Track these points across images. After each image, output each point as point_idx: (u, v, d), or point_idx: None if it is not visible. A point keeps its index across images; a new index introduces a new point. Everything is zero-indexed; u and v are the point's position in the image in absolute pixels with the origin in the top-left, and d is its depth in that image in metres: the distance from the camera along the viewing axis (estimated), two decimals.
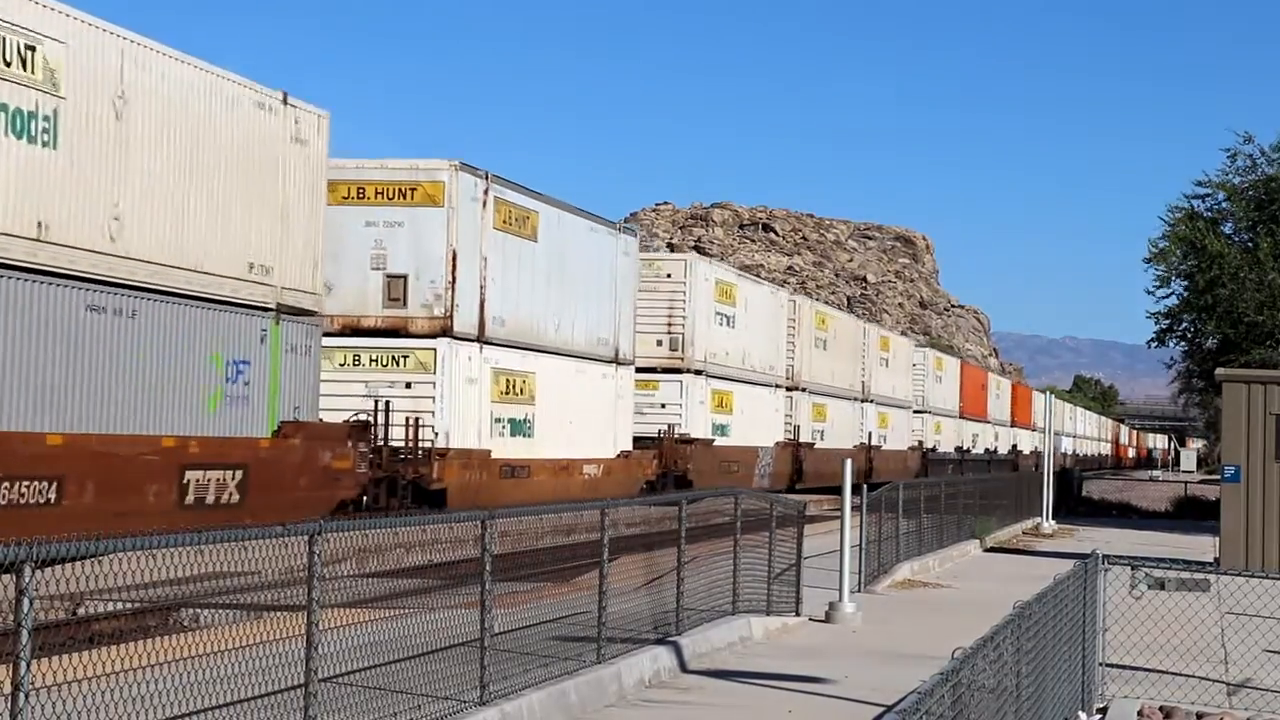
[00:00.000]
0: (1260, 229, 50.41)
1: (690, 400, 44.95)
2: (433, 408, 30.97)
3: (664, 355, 44.80)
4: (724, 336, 47.89)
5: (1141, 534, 42.86)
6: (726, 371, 47.89)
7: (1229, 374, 31.17)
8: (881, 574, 25.70)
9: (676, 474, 42.91)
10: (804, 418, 57.21)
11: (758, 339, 51.60)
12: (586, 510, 18.70)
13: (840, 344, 63.30)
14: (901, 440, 74.32)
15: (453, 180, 31.72)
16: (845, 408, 64.03)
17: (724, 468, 46.34)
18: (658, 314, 44.72)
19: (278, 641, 10.59)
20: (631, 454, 40.49)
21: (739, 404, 49.16)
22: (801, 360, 57.01)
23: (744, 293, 50.67)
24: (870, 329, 72.14)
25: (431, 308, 31.39)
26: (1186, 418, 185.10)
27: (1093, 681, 14.28)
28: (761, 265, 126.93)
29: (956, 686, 7.24)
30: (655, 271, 45.38)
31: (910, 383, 77.78)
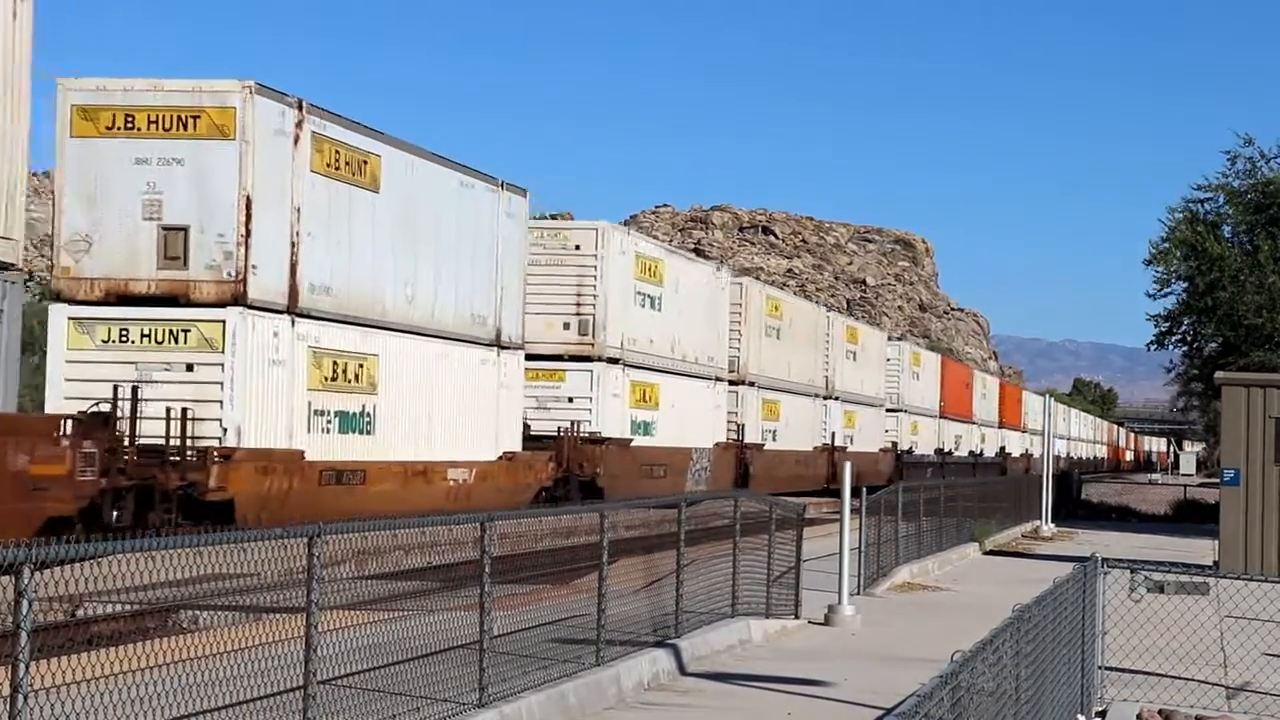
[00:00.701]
0: (1260, 232, 50.40)
1: (602, 393, 39.18)
2: (220, 395, 24.81)
3: (572, 341, 39.11)
4: (647, 320, 42.06)
5: (1141, 537, 42.86)
6: (650, 360, 42.30)
7: (1228, 377, 31.18)
8: (881, 577, 25.70)
9: (582, 479, 37.52)
10: (752, 415, 51.83)
11: (692, 324, 45.81)
12: (586, 513, 18.69)
13: (797, 333, 57.66)
14: (872, 441, 69.30)
15: (247, 106, 25.36)
16: (803, 405, 58.62)
17: (645, 472, 41.34)
18: (564, 292, 39.01)
19: (277, 643, 10.59)
20: (518, 456, 34.27)
21: (667, 398, 43.64)
22: (749, 350, 51.69)
23: (674, 271, 44.63)
24: (835, 318, 66.78)
25: (220, 269, 25.11)
26: (1186, 421, 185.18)
27: (1092, 685, 14.28)
28: (761, 268, 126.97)
29: (955, 689, 7.24)
30: (561, 242, 39.47)
31: (883, 379, 72.52)
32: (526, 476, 34.82)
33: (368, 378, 28.48)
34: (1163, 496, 74.91)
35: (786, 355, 55.87)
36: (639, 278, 41.51)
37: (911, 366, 78.84)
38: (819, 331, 61.35)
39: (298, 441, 26.29)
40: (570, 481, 37.13)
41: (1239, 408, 29.56)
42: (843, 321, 68.46)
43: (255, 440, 25.15)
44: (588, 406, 38.92)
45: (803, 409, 58.29)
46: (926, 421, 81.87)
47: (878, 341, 74.11)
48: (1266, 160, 51.06)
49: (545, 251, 38.68)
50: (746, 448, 50.69)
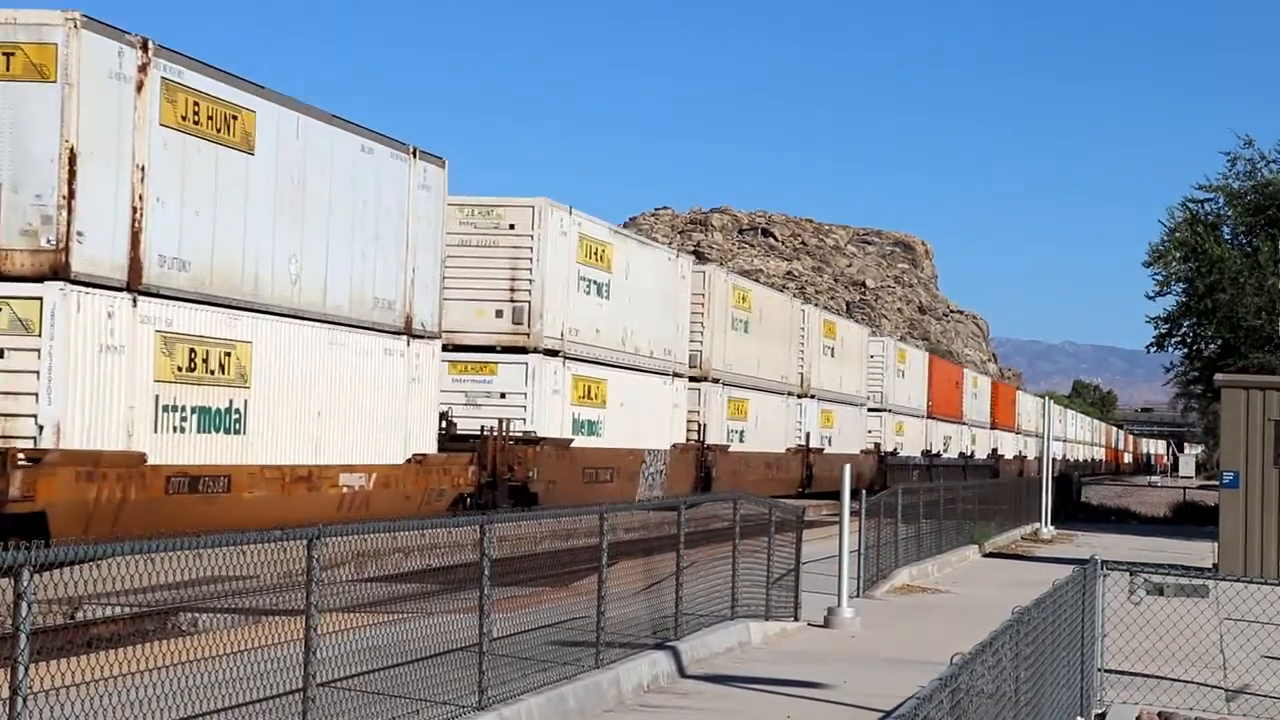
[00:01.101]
0: (1260, 233, 50.43)
1: (539, 388, 35.11)
2: (35, 387, 20.60)
3: (505, 330, 35.16)
4: (593, 309, 38.03)
5: (1140, 539, 42.89)
6: (596, 353, 38.27)
7: (1228, 379, 31.19)
8: (880, 579, 25.70)
9: (512, 484, 33.45)
10: (715, 414, 47.75)
11: (646, 315, 41.49)
12: (585, 515, 18.67)
13: (769, 327, 53.54)
14: (852, 442, 65.04)
15: (72, 42, 21.22)
16: (775, 403, 54.41)
17: (589, 476, 37.35)
18: (497, 277, 35.08)
19: (276, 646, 10.59)
20: (429, 459, 29.82)
21: (616, 395, 39.47)
22: (713, 344, 47.53)
23: (624, 255, 40.39)
24: (811, 311, 61.75)
25: (36, 235, 21.03)
26: (1186, 423, 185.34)
27: (1091, 687, 14.28)
28: (760, 270, 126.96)
29: (955, 692, 7.24)
30: (494, 221, 35.27)
31: (864, 376, 68.40)
32: (440, 481, 30.33)
33: (236, 368, 24.27)
34: (1162, 499, 74.95)
35: (756, 350, 51.86)
36: (583, 262, 37.38)
37: (896, 364, 74.79)
38: (793, 325, 57.34)
39: (139, 442, 22.02)
40: (498, 487, 32.94)
41: (1238, 410, 29.58)
42: (819, 315, 63.79)
43: (80, 441, 20.93)
44: (522, 403, 34.95)
45: (774, 408, 54.39)
46: (912, 422, 77.86)
47: (859, 337, 69.98)
48: (1266, 162, 51.12)
49: (476, 231, 34.99)
50: (709, 449, 46.63)
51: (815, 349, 60.10)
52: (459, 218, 34.61)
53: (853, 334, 68.60)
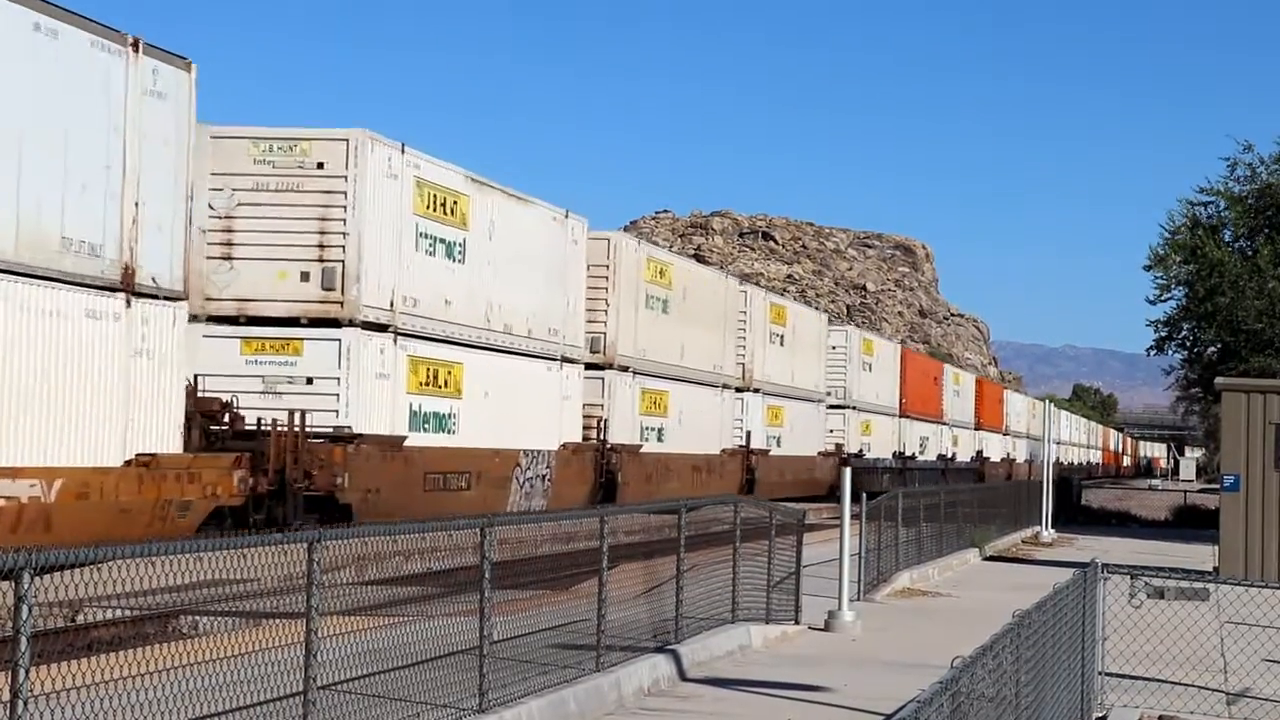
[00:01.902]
0: (1260, 237, 50.48)
1: (357, 372, 28.30)
2: None
3: (312, 298, 28.30)
4: (440, 275, 31.18)
5: (1141, 543, 42.90)
6: (446, 330, 31.41)
7: (1228, 383, 31.20)
8: (881, 582, 25.71)
9: (313, 493, 26.60)
10: (623, 408, 40.99)
11: (520, 286, 34.57)
12: (586, 519, 18.69)
13: (696, 308, 46.56)
14: (808, 443, 58.85)
15: None
16: (705, 397, 47.65)
17: (434, 483, 30.56)
18: (301, 230, 28.35)
19: (277, 649, 10.59)
20: (162, 460, 22.60)
21: (476, 383, 32.60)
22: (620, 325, 40.77)
23: (485, 211, 33.14)
24: (754, 292, 54.82)
25: None
26: (1186, 426, 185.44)
27: (1092, 690, 14.29)
28: (761, 274, 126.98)
29: (956, 695, 7.24)
30: (296, 159, 28.54)
31: (824, 369, 61.71)
32: (183, 490, 22.90)
33: None
34: (1163, 502, 74.99)
35: (679, 334, 44.91)
36: (424, 214, 30.49)
37: (862, 356, 67.91)
38: (729, 307, 50.16)
39: None
40: (288, 498, 26.03)
41: (1239, 413, 29.59)
42: (764, 297, 56.51)
43: None
44: (334, 390, 28.08)
45: (704, 402, 47.47)
46: (882, 420, 70.95)
47: (816, 325, 62.67)
48: (1266, 165, 51.15)
49: (275, 171, 28.39)
50: (613, 450, 39.89)
51: (760, 336, 53.49)
52: (253, 154, 28.54)
53: (807, 321, 61.63)
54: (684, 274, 46.71)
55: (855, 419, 66.53)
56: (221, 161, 28.49)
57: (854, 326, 78.34)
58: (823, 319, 65.77)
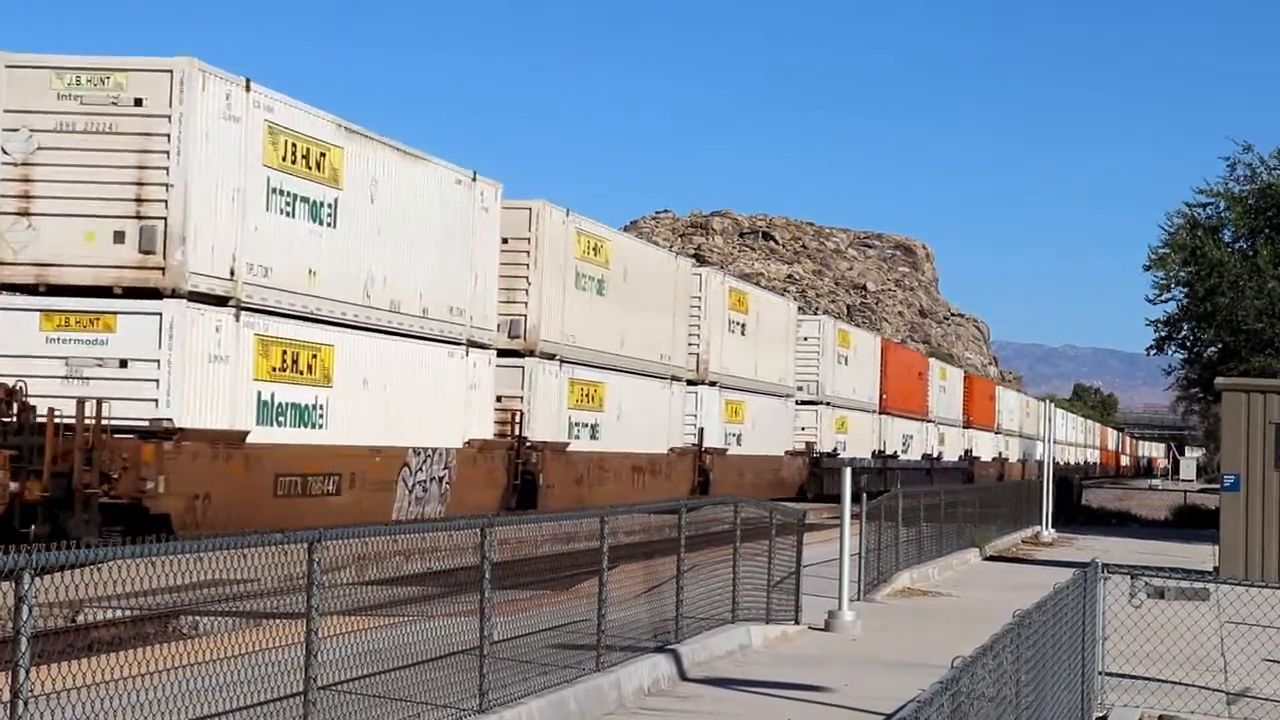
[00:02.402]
0: (1260, 237, 50.50)
1: (185, 354, 23.83)
2: None
3: (127, 262, 23.89)
4: (303, 240, 26.44)
5: (1141, 543, 42.90)
6: (309, 306, 26.69)
7: (1228, 383, 31.21)
8: (881, 582, 25.70)
9: (114, 500, 22.51)
10: (548, 402, 36.70)
11: (413, 258, 30.05)
12: (586, 519, 18.69)
13: (639, 291, 42.02)
14: (773, 441, 54.78)
15: None
16: (651, 391, 43.30)
17: (288, 486, 25.80)
18: (114, 180, 23.94)
19: (277, 649, 10.59)
20: None
21: (352, 370, 28.07)
22: (545, 308, 36.37)
23: (367, 169, 28.49)
24: (711, 276, 50.49)
25: None
26: (1186, 426, 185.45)
27: (1092, 690, 14.29)
28: (761, 274, 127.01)
29: (956, 695, 7.24)
30: (109, 93, 24.05)
31: (792, 361, 57.41)
32: None
33: None
34: (1163, 502, 74.98)
35: (618, 319, 40.60)
36: (280, 167, 25.76)
37: (838, 348, 63.19)
38: (679, 290, 45.54)
39: None
40: (76, 506, 21.81)
41: (1239, 413, 29.59)
42: (722, 281, 51.45)
43: None
44: (153, 375, 23.59)
45: (649, 396, 42.99)
46: (860, 418, 66.49)
47: (783, 314, 57.70)
48: (1266, 166, 51.18)
49: (84, 108, 24.00)
50: (533, 449, 35.46)
51: (717, 324, 48.92)
52: (56, 87, 24.19)
53: (774, 309, 56.54)
54: (625, 252, 41.60)
55: (829, 415, 62.20)
56: (18, 96, 24.12)
57: (828, 316, 71.28)
58: (791, 307, 60.72)
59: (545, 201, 37.22)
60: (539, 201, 37.05)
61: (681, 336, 45.99)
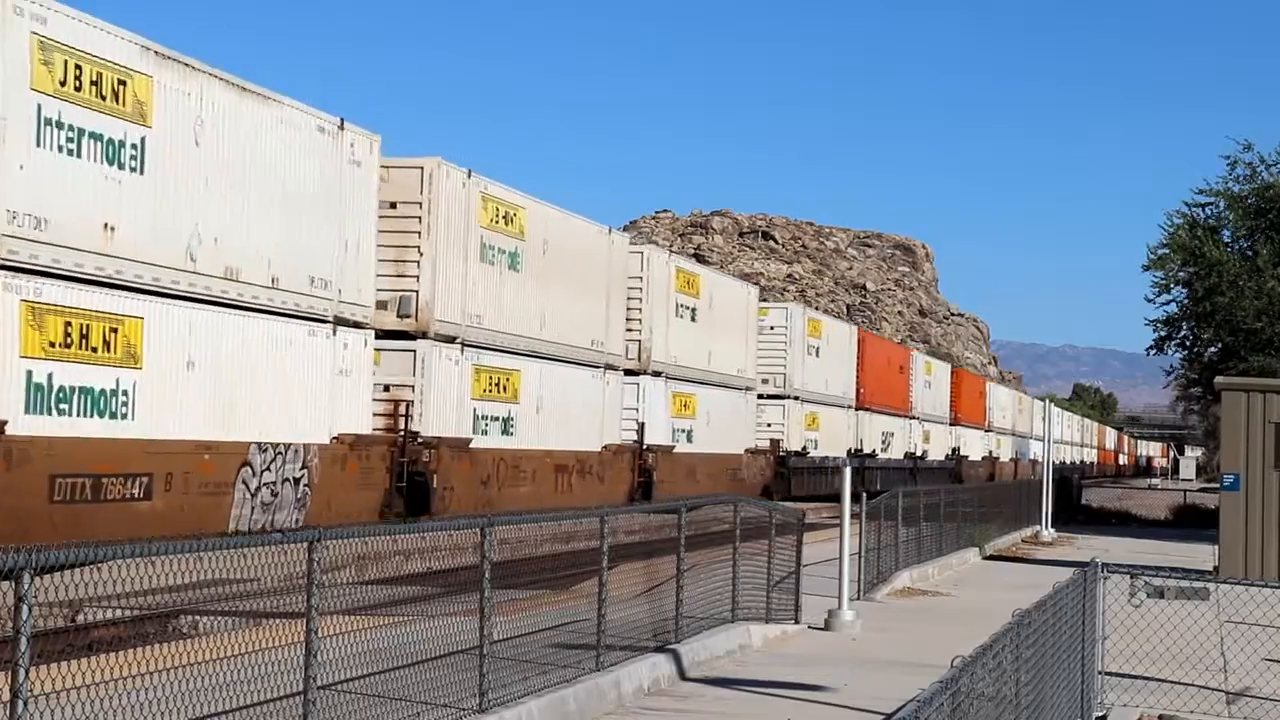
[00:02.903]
0: (1259, 237, 50.52)
1: None
2: None
3: None
4: (95, 186, 21.86)
5: (1141, 542, 42.89)
6: (115, 269, 22.33)
7: (1228, 382, 31.21)
8: (881, 582, 25.70)
9: None
10: (447, 390, 31.78)
11: (254, 215, 25.55)
12: (586, 518, 18.70)
13: (566, 268, 37.37)
14: (731, 438, 50.24)
15: None
16: (579, 380, 38.35)
17: (66, 491, 21.07)
18: None
19: (277, 649, 10.59)
20: None
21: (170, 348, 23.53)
22: (441, 283, 31.44)
23: (187, 105, 23.84)
24: (654, 254, 45.24)
25: None
26: (1186, 425, 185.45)
27: (1092, 690, 14.29)
28: (761, 273, 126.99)
29: (956, 695, 7.24)
30: None
31: (753, 352, 52.85)
32: None
33: None
34: (1163, 502, 74.95)
35: (538, 299, 36.09)
36: (64, 95, 21.19)
37: (807, 339, 58.74)
38: (617, 271, 40.76)
39: None
40: None
41: (1239, 412, 29.60)
42: (668, 261, 46.24)
43: None
44: None
45: (577, 386, 38.28)
46: (833, 414, 62.16)
47: (742, 298, 52.86)
48: (1266, 165, 51.19)
49: None
50: (426, 445, 30.46)
51: (662, 308, 44.14)
52: None
53: (731, 294, 51.78)
54: (543, 223, 36.58)
55: (797, 411, 57.36)
56: None
57: (797, 303, 65.48)
58: (751, 292, 55.16)
59: (440, 159, 32.13)
60: (433, 159, 32.05)
61: (618, 320, 40.98)
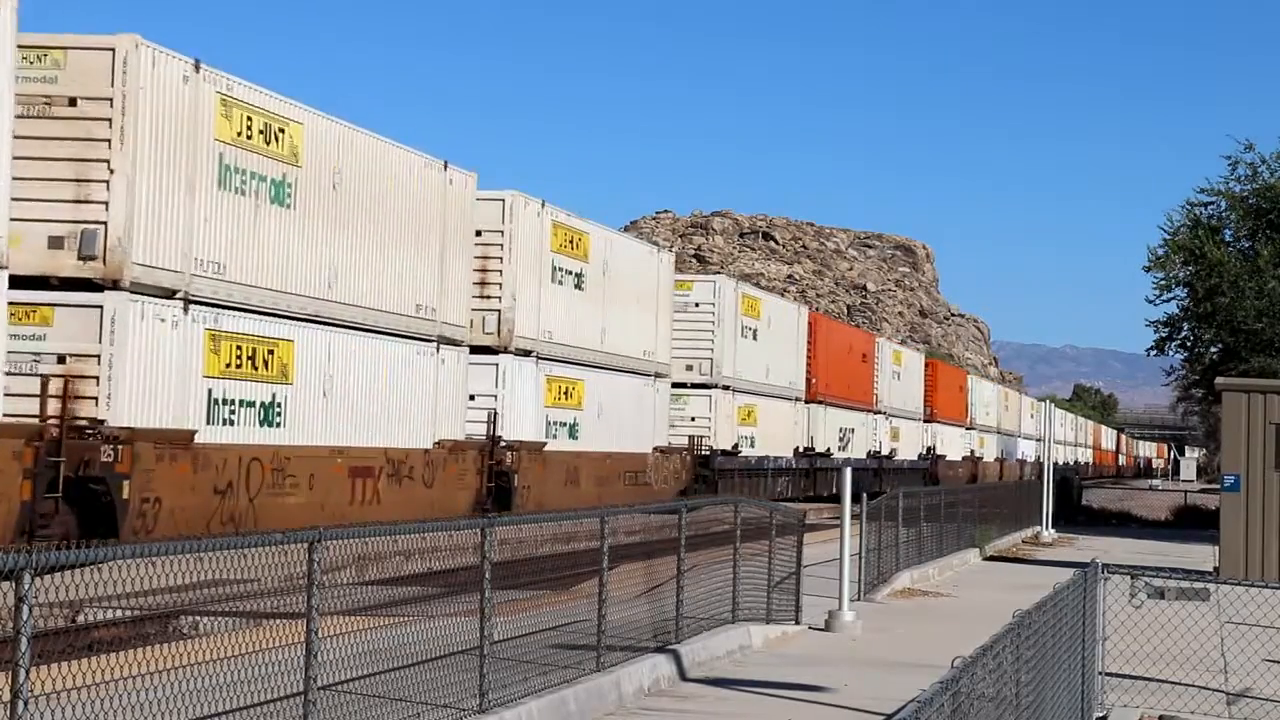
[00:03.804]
0: (1260, 237, 50.50)
1: None
2: None
3: None
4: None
5: (1141, 543, 42.89)
6: None
7: (1228, 383, 31.21)
8: (881, 582, 25.70)
9: None
10: (160, 367, 23.50)
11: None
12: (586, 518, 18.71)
13: (374, 214, 29.50)
14: (635, 435, 41.58)
15: None
16: (398, 358, 30.14)
17: None
18: None
19: (277, 649, 10.59)
20: None
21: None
22: (135, 209, 23.00)
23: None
24: (518, 203, 35.31)
25: None
26: (1186, 426, 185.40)
27: (1092, 690, 14.28)
28: (762, 274, 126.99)
29: (956, 695, 7.24)
30: None
31: (665, 331, 43.95)
32: None
33: None
34: (1163, 502, 74.95)
35: (319, 247, 27.66)
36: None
37: (742, 318, 50.23)
38: (455, 222, 32.65)
39: None
40: None
41: (1239, 413, 29.59)
42: (541, 214, 36.46)
43: None
44: None
45: (389, 365, 29.97)
46: (776, 407, 53.93)
47: (652, 266, 43.49)
48: (1268, 165, 51.15)
49: None
50: (115, 440, 22.18)
51: (529, 273, 35.67)
52: None
53: (636, 261, 42.26)
54: (332, 148, 28.09)
55: (728, 403, 48.92)
56: None
57: (728, 277, 55.64)
58: (666, 260, 45.28)
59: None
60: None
61: (460, 285, 33.07)
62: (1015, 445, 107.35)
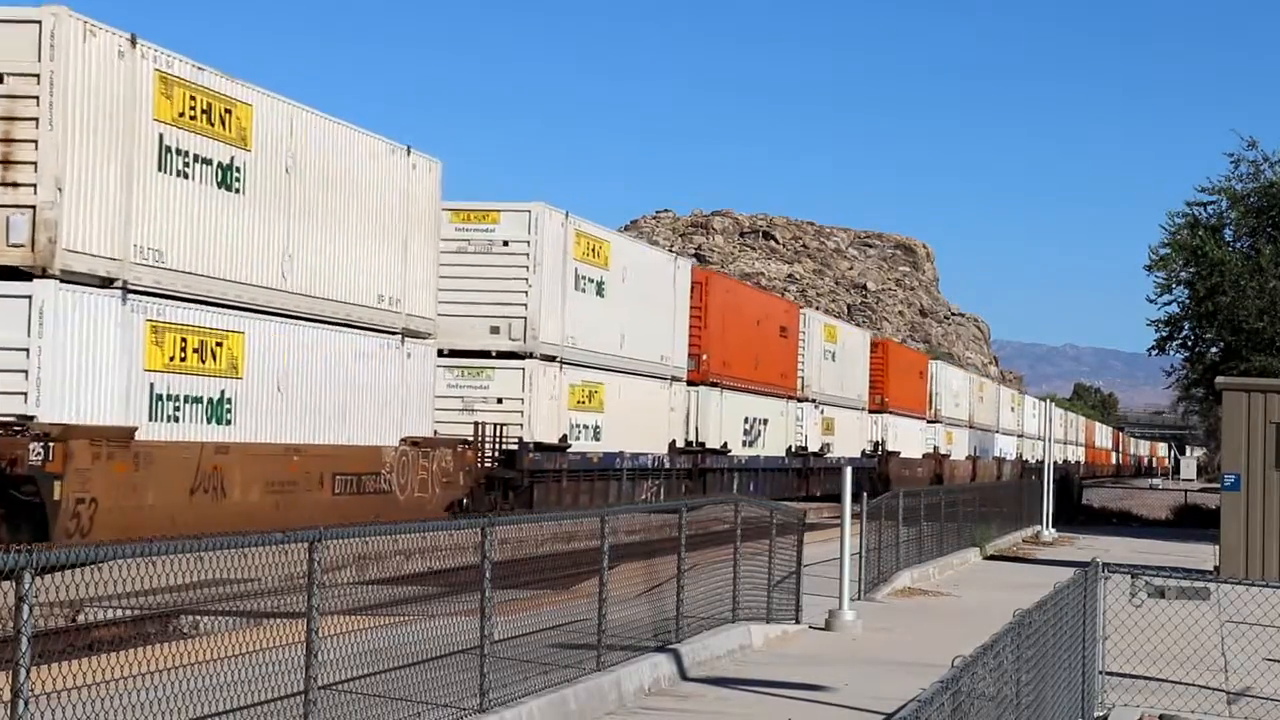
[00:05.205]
0: (1261, 236, 50.48)
1: None
2: None
3: None
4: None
5: (1141, 542, 42.89)
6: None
7: (1229, 382, 31.20)
8: (881, 582, 25.70)
9: None
10: None
11: None
12: (587, 518, 18.72)
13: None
14: (377, 425, 29.04)
15: None
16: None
17: None
18: None
19: (278, 648, 10.59)
20: None
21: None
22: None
23: None
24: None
25: None
26: (1187, 426, 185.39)
27: (1092, 690, 14.29)
28: (762, 273, 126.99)
29: (956, 695, 7.24)
30: None
31: (433, 277, 31.97)
32: None
33: None
34: (1164, 502, 74.96)
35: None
36: None
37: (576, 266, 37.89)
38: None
39: None
40: None
41: (1240, 413, 29.58)
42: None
43: None
44: None
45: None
46: (639, 387, 41.84)
47: (399, 175, 30.37)
48: (1270, 164, 51.11)
49: None
50: None
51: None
52: None
53: (371, 162, 29.46)
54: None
55: (553, 380, 36.73)
56: None
57: (545, 205, 36.51)
58: (433, 168, 32.10)
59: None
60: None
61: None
62: (992, 441, 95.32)
